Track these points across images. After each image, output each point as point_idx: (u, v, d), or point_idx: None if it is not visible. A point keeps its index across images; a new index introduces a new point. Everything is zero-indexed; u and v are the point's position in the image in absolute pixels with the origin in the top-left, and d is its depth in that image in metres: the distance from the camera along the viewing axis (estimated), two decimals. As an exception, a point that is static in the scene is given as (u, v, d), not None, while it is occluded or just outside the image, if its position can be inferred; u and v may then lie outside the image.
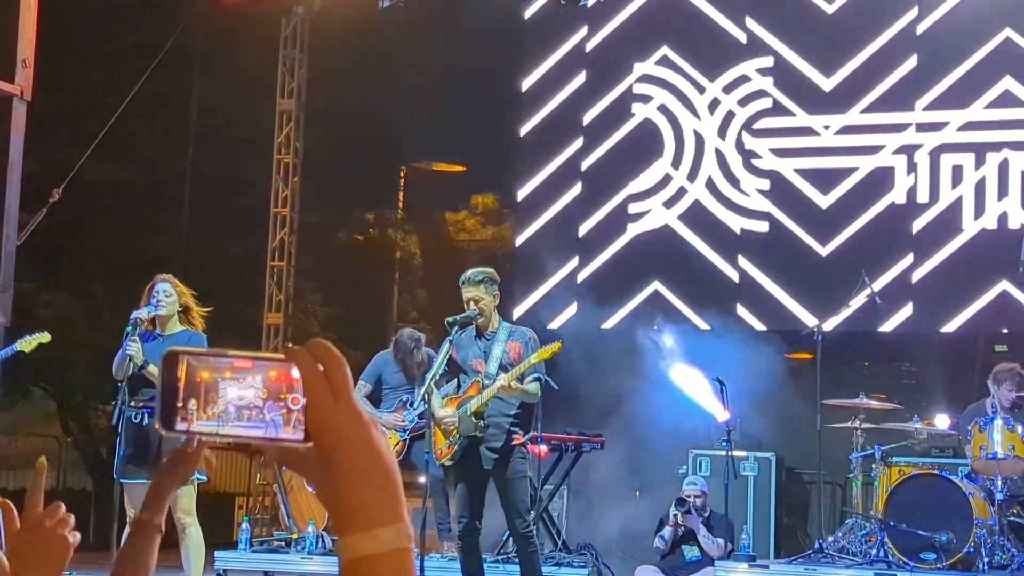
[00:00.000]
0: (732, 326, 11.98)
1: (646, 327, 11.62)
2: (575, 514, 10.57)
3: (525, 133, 13.18)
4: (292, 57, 14.42)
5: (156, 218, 16.20)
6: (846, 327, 11.21)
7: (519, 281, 12.70)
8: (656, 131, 12.77)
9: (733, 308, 12.21)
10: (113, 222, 15.73)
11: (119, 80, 13.34)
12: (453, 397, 7.55)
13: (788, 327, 11.82)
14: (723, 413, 9.83)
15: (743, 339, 11.35)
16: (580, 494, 10.74)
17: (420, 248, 18.02)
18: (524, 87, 13.20)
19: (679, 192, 12.61)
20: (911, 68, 12.04)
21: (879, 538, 8.96)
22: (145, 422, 7.31)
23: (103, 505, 12.31)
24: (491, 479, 7.48)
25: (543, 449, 9.61)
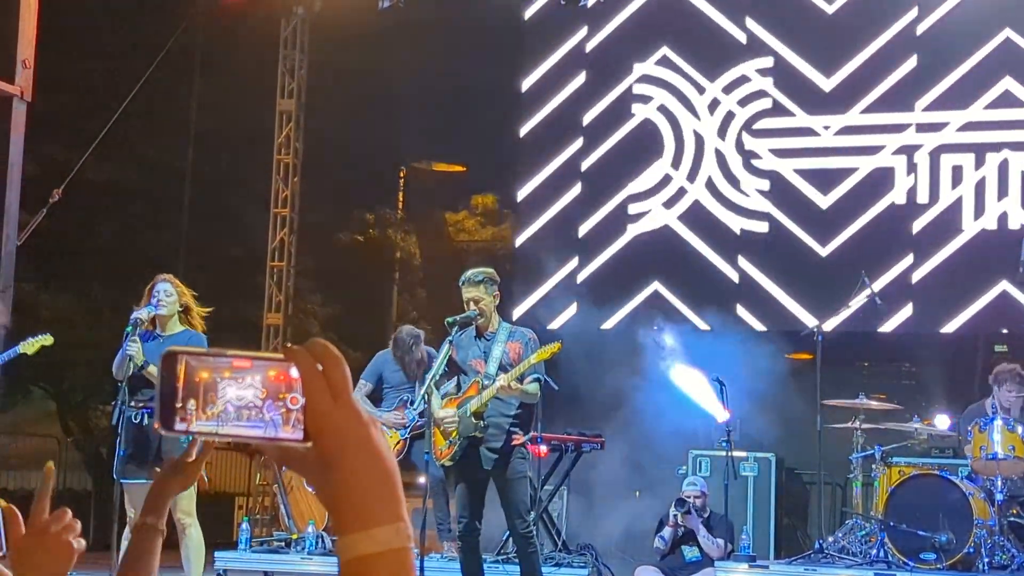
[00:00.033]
0: (732, 326, 11.98)
1: (646, 327, 11.61)
2: (575, 514, 10.57)
3: (525, 133, 13.17)
4: (292, 57, 14.41)
5: (156, 218, 16.21)
6: (846, 327, 11.21)
7: (519, 281, 12.70)
8: (656, 131, 12.75)
9: (733, 308, 12.20)
10: (113, 222, 15.74)
11: (119, 80, 13.35)
12: (453, 397, 7.54)
13: (788, 327, 11.82)
14: (723, 413, 9.82)
15: (743, 339, 11.34)
16: (580, 494, 10.72)
17: (420, 248, 18.02)
18: (524, 87, 13.20)
19: (679, 192, 12.60)
20: (911, 68, 12.03)
21: (879, 538, 8.96)
22: (145, 422, 7.31)
23: (103, 505, 12.31)
24: (491, 479, 7.48)
25: (543, 449, 9.61)
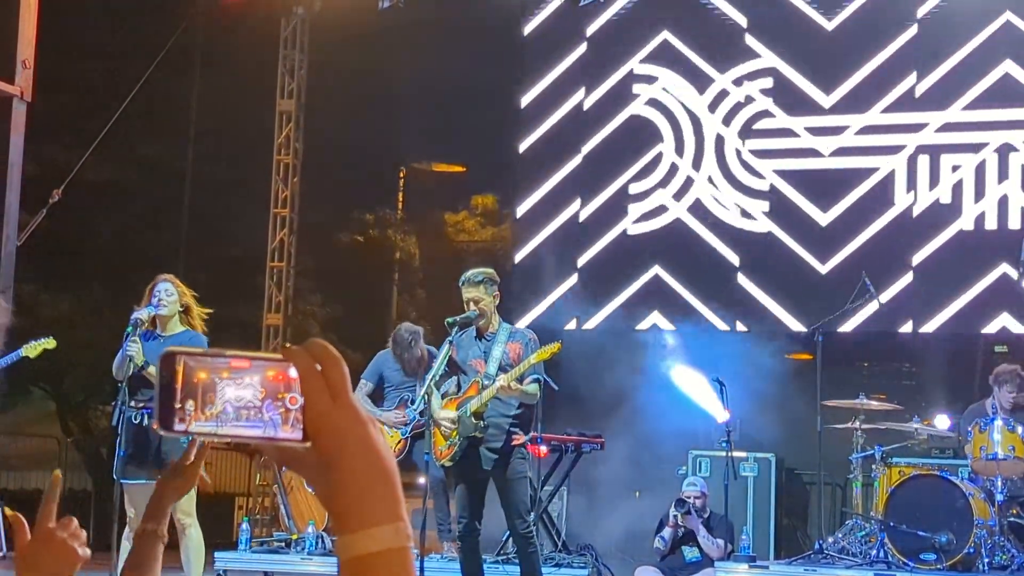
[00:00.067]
0: (732, 327, 11.98)
1: (648, 328, 11.62)
2: (575, 515, 10.57)
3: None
4: (292, 58, 14.41)
5: (156, 218, 16.21)
6: (846, 328, 11.21)
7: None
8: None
9: (733, 309, 12.20)
10: (113, 222, 15.73)
11: (119, 80, 13.35)
12: (453, 398, 7.54)
13: (788, 328, 11.82)
14: (723, 414, 9.81)
15: (743, 340, 11.35)
16: (580, 495, 10.72)
17: (419, 249, 18.01)
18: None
19: (685, 186, 12.62)
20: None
21: (879, 539, 8.96)
22: (145, 422, 7.31)
23: (103, 505, 12.30)
24: (491, 479, 7.48)
25: (543, 450, 9.61)
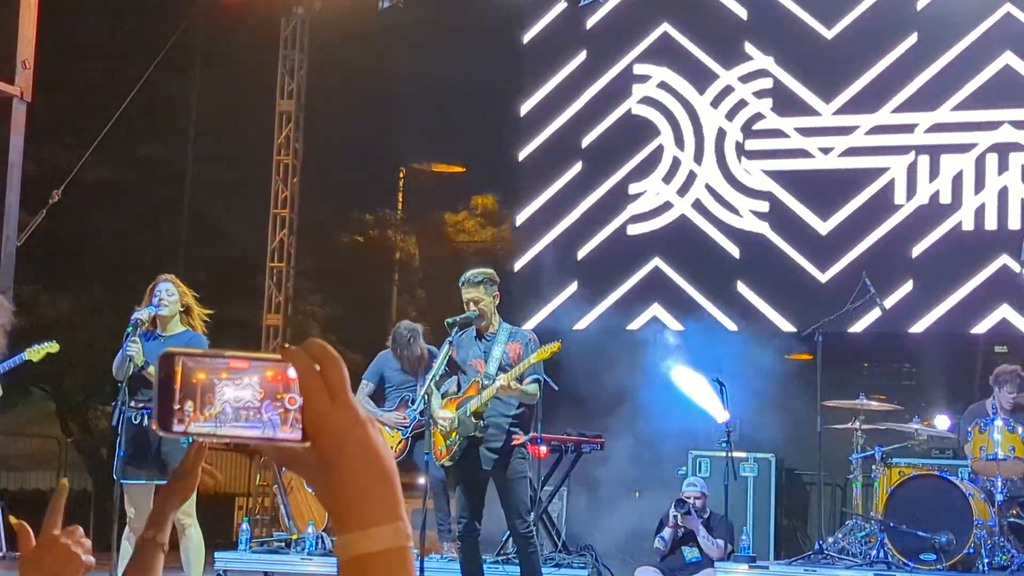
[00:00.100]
0: (732, 327, 11.98)
1: (648, 328, 11.62)
2: (575, 515, 10.57)
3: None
4: (292, 58, 14.41)
5: (156, 218, 16.20)
6: (846, 328, 11.20)
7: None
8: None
9: (734, 308, 12.20)
10: (113, 222, 15.73)
11: (119, 80, 13.35)
12: (453, 397, 7.54)
13: (788, 328, 11.82)
14: (723, 414, 9.81)
15: (743, 340, 11.34)
16: (580, 495, 10.73)
17: (419, 249, 18.01)
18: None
19: (675, 207, 12.63)
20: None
21: (879, 539, 8.96)
22: (145, 423, 7.31)
23: (103, 506, 12.30)
24: (491, 479, 7.48)
25: (543, 450, 9.61)
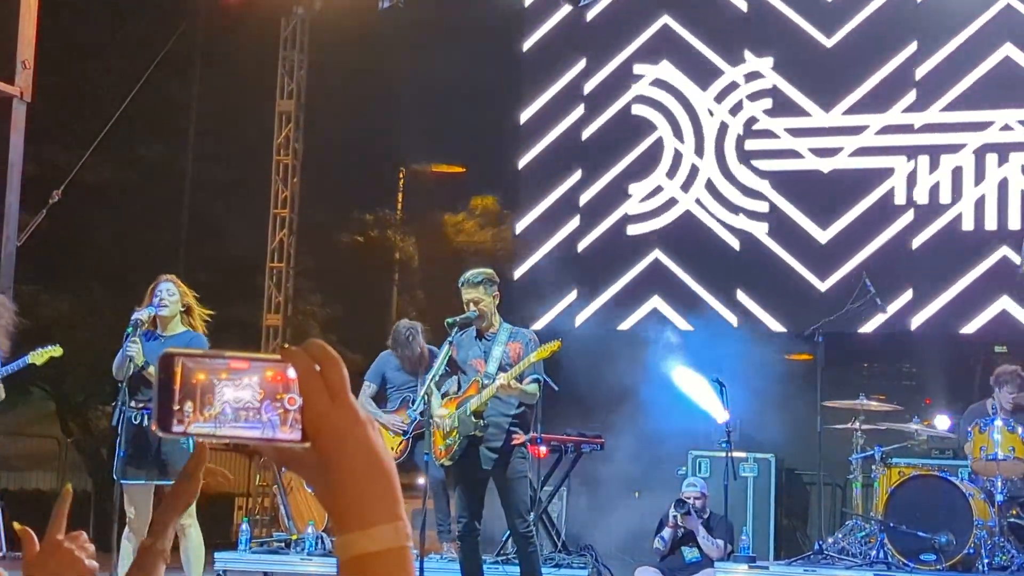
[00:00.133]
0: (732, 327, 11.98)
1: (648, 328, 11.62)
2: (575, 515, 10.57)
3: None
4: (292, 58, 14.41)
5: (156, 218, 16.19)
6: (847, 328, 11.21)
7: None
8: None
9: (733, 309, 12.20)
10: (113, 222, 15.72)
11: (119, 80, 13.34)
12: (453, 397, 7.55)
13: (788, 328, 11.82)
14: (723, 414, 9.81)
15: (743, 340, 11.34)
16: (580, 495, 10.73)
17: (419, 250, 18.00)
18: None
19: (677, 204, 12.63)
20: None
21: (879, 539, 8.96)
22: (145, 423, 7.31)
23: (103, 506, 12.30)
24: (491, 479, 7.48)
25: (542, 450, 9.61)
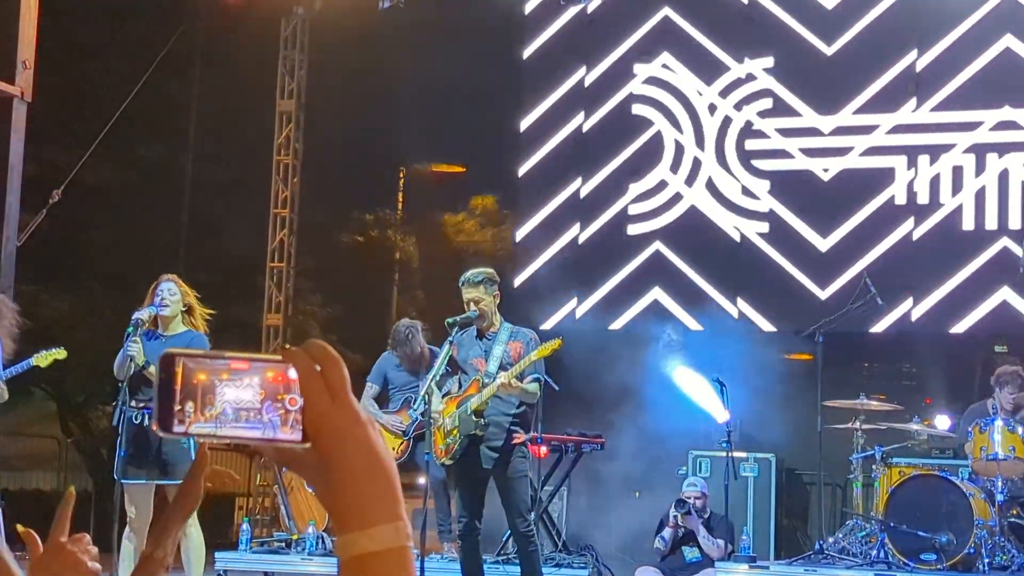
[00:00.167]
0: (732, 327, 11.98)
1: (648, 328, 11.61)
2: (575, 515, 10.56)
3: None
4: (292, 58, 14.42)
5: (156, 218, 16.19)
6: (847, 328, 11.20)
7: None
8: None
9: (734, 309, 12.20)
10: (113, 222, 15.72)
11: (119, 80, 13.34)
12: (454, 396, 7.55)
13: (788, 328, 11.82)
14: (723, 414, 9.81)
15: (743, 340, 11.34)
16: (580, 495, 10.72)
17: (419, 250, 17.99)
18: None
19: (677, 204, 12.63)
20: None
21: (879, 539, 8.96)
22: (146, 423, 7.31)
23: (103, 506, 12.30)
24: (491, 478, 7.48)
25: (543, 450, 9.61)
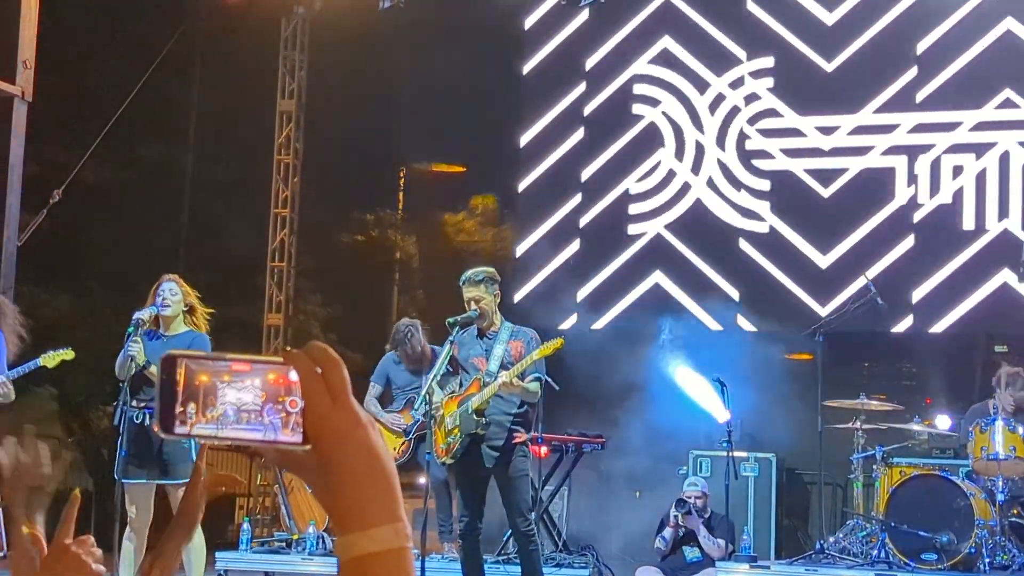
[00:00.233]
0: (733, 327, 11.98)
1: (648, 330, 11.61)
2: (576, 515, 10.56)
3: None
4: (292, 58, 14.42)
5: (156, 218, 16.18)
6: (847, 328, 11.20)
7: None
8: (658, 139, 12.75)
9: (734, 309, 12.21)
10: (113, 222, 15.71)
11: (119, 80, 13.34)
12: (455, 395, 7.55)
13: (789, 328, 11.82)
14: (724, 414, 9.81)
15: (744, 340, 11.34)
16: (581, 495, 10.72)
17: (419, 249, 17.98)
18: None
19: (678, 204, 12.63)
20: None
21: (880, 539, 8.96)
22: (147, 422, 7.32)
23: (104, 505, 12.30)
24: (492, 477, 7.48)
25: (543, 450, 9.60)
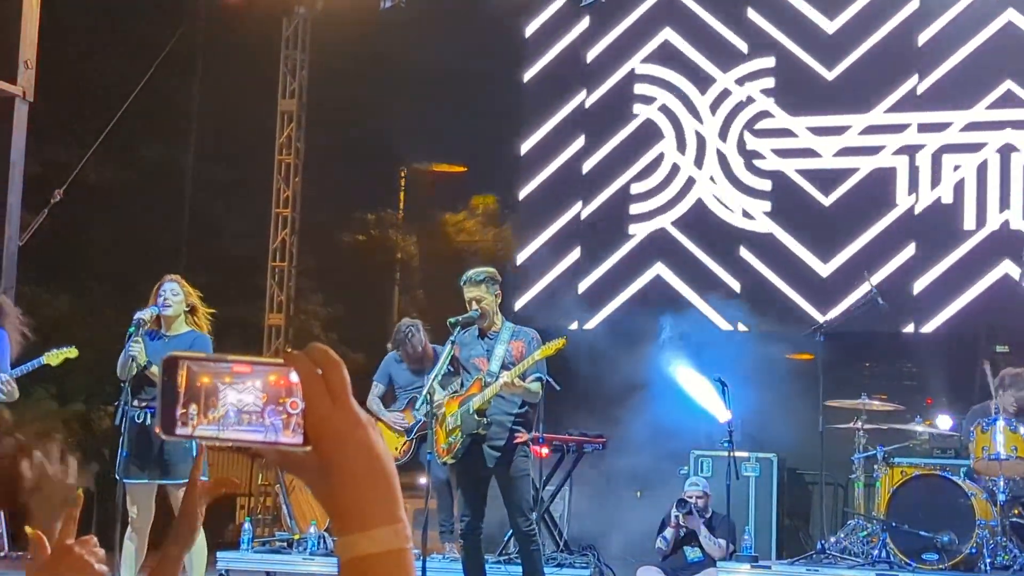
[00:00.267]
0: (734, 326, 11.97)
1: (648, 331, 11.61)
2: (577, 515, 10.56)
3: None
4: (293, 57, 14.42)
5: (157, 218, 16.18)
6: (848, 328, 11.21)
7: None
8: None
9: (735, 309, 12.21)
10: (114, 222, 15.72)
11: (120, 80, 13.34)
12: (457, 395, 7.55)
13: (789, 329, 11.82)
14: (725, 414, 9.81)
15: (745, 340, 11.33)
16: (582, 495, 10.72)
17: (420, 249, 17.99)
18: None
19: (678, 206, 12.63)
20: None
21: (881, 539, 8.96)
22: (148, 422, 7.32)
23: (105, 506, 12.30)
24: (493, 478, 7.48)
25: (544, 451, 9.60)
